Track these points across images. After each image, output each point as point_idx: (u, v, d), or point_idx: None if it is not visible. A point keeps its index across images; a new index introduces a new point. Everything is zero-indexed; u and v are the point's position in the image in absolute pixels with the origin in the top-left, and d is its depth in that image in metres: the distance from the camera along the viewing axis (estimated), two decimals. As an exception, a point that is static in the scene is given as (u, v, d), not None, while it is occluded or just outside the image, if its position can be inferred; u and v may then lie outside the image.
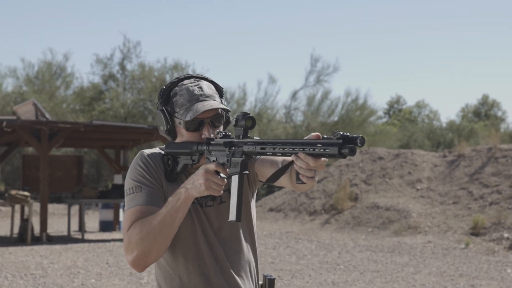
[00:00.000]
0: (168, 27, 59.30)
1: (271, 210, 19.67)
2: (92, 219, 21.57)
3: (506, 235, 13.94)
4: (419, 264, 11.80)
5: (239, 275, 2.50)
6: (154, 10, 58.07)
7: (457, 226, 15.17)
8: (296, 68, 66.69)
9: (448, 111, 78.26)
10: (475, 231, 14.59)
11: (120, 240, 15.20)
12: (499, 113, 53.09)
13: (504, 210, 14.97)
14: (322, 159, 2.00)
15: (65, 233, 16.85)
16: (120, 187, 16.34)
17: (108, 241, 15.01)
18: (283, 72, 62.43)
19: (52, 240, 14.93)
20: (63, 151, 29.18)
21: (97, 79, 36.32)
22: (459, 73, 73.26)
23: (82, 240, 15.10)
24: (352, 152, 1.91)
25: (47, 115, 15.16)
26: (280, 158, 2.40)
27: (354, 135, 1.91)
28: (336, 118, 37.02)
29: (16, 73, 35.70)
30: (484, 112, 53.54)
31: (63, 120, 28.58)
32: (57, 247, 13.69)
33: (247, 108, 36.74)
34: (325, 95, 37.56)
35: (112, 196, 15.94)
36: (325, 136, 2.00)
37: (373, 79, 70.10)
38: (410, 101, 64.89)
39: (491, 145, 17.90)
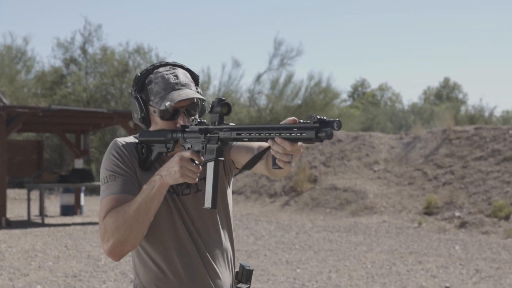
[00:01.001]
0: (130, 10, 58.94)
1: (232, 192, 19.80)
2: (55, 204, 21.57)
3: (457, 214, 14.36)
4: (372, 243, 12.15)
5: (217, 264, 2.50)
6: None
7: (412, 206, 15.58)
8: (260, 52, 66.84)
9: (410, 94, 79.16)
10: (428, 211, 15.01)
11: (81, 224, 15.30)
12: (460, 96, 53.94)
13: (456, 190, 15.41)
14: (299, 143, 2.00)
15: (26, 218, 16.89)
16: (81, 172, 16.41)
17: (69, 225, 15.10)
18: (247, 56, 62.58)
19: (12, 224, 14.97)
20: (25, 136, 29.02)
21: (58, 63, 36.13)
22: (421, 56, 74.10)
23: (42, 225, 15.17)
24: (329, 136, 1.90)
25: (5, 100, 15.13)
26: (256, 145, 2.42)
27: (331, 119, 1.91)
28: (299, 102, 37.33)
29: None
30: (445, 95, 54.32)
31: (23, 104, 28.45)
32: (16, 231, 13.75)
33: (211, 92, 36.85)
34: (289, 78, 37.85)
35: (72, 180, 16.00)
36: (301, 120, 1.98)
37: (338, 62, 70.58)
38: (374, 84, 65.50)
39: (445, 127, 18.33)
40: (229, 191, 2.63)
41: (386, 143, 19.00)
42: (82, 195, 17.79)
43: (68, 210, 17.77)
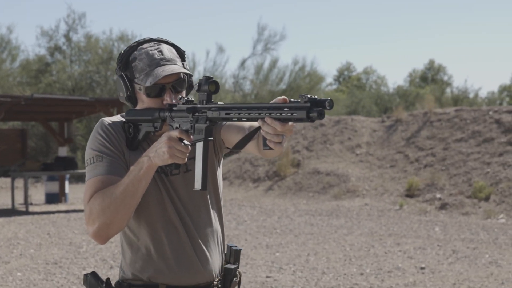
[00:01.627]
0: (115, -3, 58.64)
1: (216, 178, 20.03)
2: (40, 192, 21.60)
3: (438, 195, 14.53)
4: (353, 225, 12.29)
5: (207, 245, 2.45)
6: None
7: (393, 188, 15.74)
8: (244, 37, 66.79)
9: (395, 76, 79.36)
10: (410, 193, 15.18)
11: (65, 211, 15.36)
12: (445, 78, 54.12)
13: (437, 172, 15.57)
14: (290, 123, 1.95)
15: (10, 206, 16.93)
16: (64, 159, 16.45)
17: (53, 212, 15.15)
18: (231, 42, 62.46)
19: (-4, 213, 15.02)
20: (10, 125, 28.98)
21: (43, 52, 36.00)
22: (405, 38, 74.20)
23: (26, 213, 15.21)
24: (321, 116, 1.85)
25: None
26: (247, 124, 2.36)
27: (322, 98, 1.86)
28: (284, 86, 37.43)
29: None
30: (430, 77, 54.49)
31: (8, 93, 28.37)
32: (0, 219, 13.80)
33: (195, 77, 36.86)
34: (273, 63, 37.93)
35: (56, 168, 16.04)
36: (292, 99, 1.93)
37: (323, 46, 70.59)
38: (359, 68, 65.63)
39: (426, 109, 18.48)
40: (219, 172, 2.57)
41: (368, 127, 19.14)
42: (66, 182, 17.82)
43: (52, 198, 17.79)
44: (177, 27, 60.07)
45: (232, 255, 2.56)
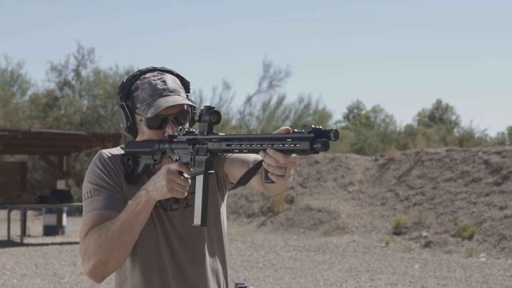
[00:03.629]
0: (121, 33, 59.62)
1: (212, 213, 20.32)
2: (40, 224, 21.97)
3: (424, 233, 14.75)
4: (335, 261, 12.53)
5: (205, 285, 2.33)
6: (107, 17, 58.39)
7: (382, 226, 15.97)
8: (250, 73, 67.57)
9: (403, 115, 79.62)
10: (397, 230, 15.40)
11: (59, 243, 15.70)
12: (453, 117, 54.39)
13: (425, 210, 15.80)
14: (293, 155, 1.84)
15: (12, 237, 17.32)
16: (60, 192, 16.84)
17: (47, 244, 15.49)
18: (237, 78, 63.14)
19: (-9, 244, 15.39)
20: (17, 158, 29.58)
21: (52, 86, 36.77)
22: (413, 77, 74.70)
23: (21, 244, 15.57)
24: (325, 147, 1.76)
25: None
26: (251, 158, 2.24)
27: (327, 128, 1.78)
28: (290, 123, 37.87)
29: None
30: (438, 116, 54.79)
31: (16, 127, 28.99)
32: (-6, 250, 14.16)
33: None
34: (280, 100, 38.48)
35: (51, 201, 16.44)
36: (295, 130, 1.84)
37: (332, 82, 71.16)
38: (368, 106, 66.03)
39: (418, 149, 18.77)
40: (223, 207, 2.45)
41: (361, 165, 19.43)
42: (64, 215, 18.20)
43: (50, 230, 18.14)
44: (184, 62, 60.91)
45: None
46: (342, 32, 70.14)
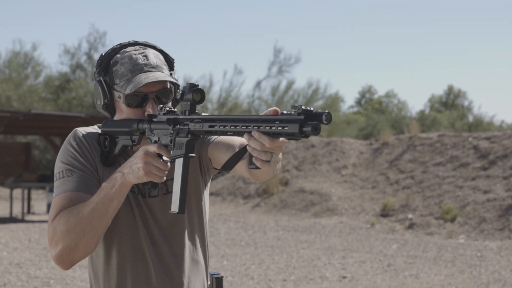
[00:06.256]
0: (133, 17, 60.31)
1: (210, 194, 20.85)
2: (45, 203, 22.66)
3: (410, 216, 15.15)
4: (317, 241, 12.98)
5: (186, 276, 2.21)
6: (120, 1, 59.09)
7: (370, 208, 16.39)
8: (261, 59, 68.04)
9: (415, 101, 79.74)
10: (384, 213, 15.83)
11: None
12: (466, 103, 54.45)
13: (413, 194, 16.20)
14: (281, 139, 1.70)
15: (15, 215, 17.98)
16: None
17: (47, 222, 16.09)
18: (248, 63, 63.59)
19: (-7, 221, 16.06)
20: (29, 138, 30.35)
21: (65, 69, 37.48)
22: (425, 64, 74.61)
23: (22, 221, 16.21)
24: (316, 131, 1.62)
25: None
26: (237, 142, 2.10)
27: (319, 111, 1.63)
28: (299, 108, 38.26)
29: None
30: (450, 102, 54.86)
31: (30, 108, 29.73)
32: (-5, 226, 14.80)
33: (212, 97, 37.91)
34: (289, 85, 38.88)
35: (51, 180, 17.05)
36: (284, 112, 1.70)
37: (344, 69, 71.36)
38: (381, 91, 66.22)
39: (412, 134, 19.14)
40: (206, 194, 2.32)
41: (356, 149, 19.84)
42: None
43: (53, 208, 18.81)
44: (196, 48, 61.47)
45: (214, 284, 2.32)
46: (353, 19, 70.16)
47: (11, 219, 16.75)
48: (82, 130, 2.21)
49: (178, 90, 2.12)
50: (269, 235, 13.80)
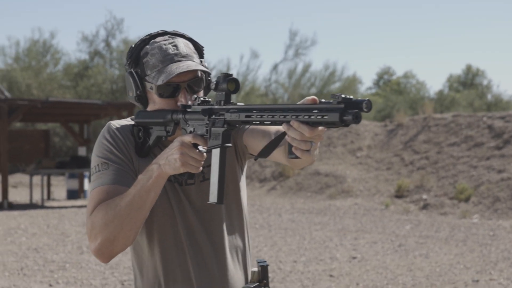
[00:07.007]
0: (151, 2, 60.53)
1: (228, 178, 21.06)
2: (65, 189, 23.02)
3: (424, 196, 15.23)
4: (331, 223, 13.12)
5: (225, 263, 2.19)
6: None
7: (385, 189, 16.49)
8: (277, 42, 68.00)
9: (434, 81, 79.31)
10: (399, 194, 15.92)
11: (78, 206, 16.60)
12: (485, 82, 54.05)
13: (428, 174, 16.26)
14: (320, 128, 1.69)
15: (36, 201, 18.34)
16: (78, 158, 17.76)
17: (66, 207, 16.41)
18: (264, 47, 63.56)
19: (13, 207, 16.37)
20: (49, 126, 30.76)
21: (83, 56, 37.79)
22: (444, 44, 74.08)
23: (42, 207, 16.53)
24: (357, 119, 1.60)
25: (6, 93, 16.48)
26: (273, 128, 2.07)
27: (359, 99, 1.61)
28: (315, 91, 38.31)
29: (4, 51, 37.11)
30: (469, 82, 54.49)
31: (50, 95, 30.10)
32: (15, 213, 15.10)
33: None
34: (306, 68, 38.86)
35: (70, 166, 17.37)
36: (323, 100, 1.67)
37: (362, 51, 71.06)
38: (399, 72, 65.96)
39: (426, 114, 19.16)
40: (243, 179, 2.31)
41: (371, 130, 19.91)
42: (86, 180, 19.14)
43: (73, 194, 19.16)
44: (213, 33, 61.60)
45: (262, 273, 2.26)
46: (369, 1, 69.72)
47: (31, 205, 17.09)
48: (115, 123, 2.21)
49: (209, 78, 2.18)
50: (284, 218, 13.97)
